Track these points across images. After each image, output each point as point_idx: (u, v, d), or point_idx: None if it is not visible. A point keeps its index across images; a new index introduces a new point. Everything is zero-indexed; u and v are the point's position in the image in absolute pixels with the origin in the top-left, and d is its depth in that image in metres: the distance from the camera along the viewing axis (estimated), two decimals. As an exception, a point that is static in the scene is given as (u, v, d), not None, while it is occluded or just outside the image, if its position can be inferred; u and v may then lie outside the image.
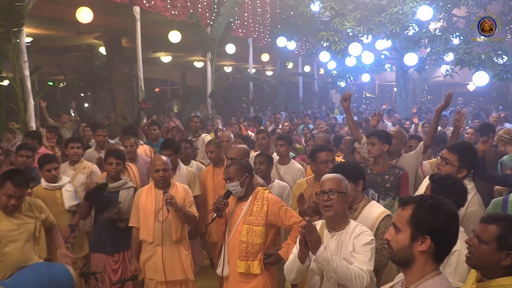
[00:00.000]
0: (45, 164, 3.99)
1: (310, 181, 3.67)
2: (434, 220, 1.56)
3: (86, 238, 4.27)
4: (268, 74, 20.31)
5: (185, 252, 3.67)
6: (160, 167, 3.57)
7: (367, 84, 20.31)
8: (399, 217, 1.66)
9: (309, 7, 11.69)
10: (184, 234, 3.67)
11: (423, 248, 1.57)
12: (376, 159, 3.82)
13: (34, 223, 3.08)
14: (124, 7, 8.58)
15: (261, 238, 3.00)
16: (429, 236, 1.56)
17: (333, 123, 10.56)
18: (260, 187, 3.18)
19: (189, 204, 3.66)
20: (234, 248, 3.04)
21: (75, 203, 4.06)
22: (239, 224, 3.04)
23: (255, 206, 3.04)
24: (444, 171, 2.99)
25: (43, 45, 11.54)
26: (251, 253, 2.99)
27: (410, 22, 10.56)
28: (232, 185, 3.04)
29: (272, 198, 3.08)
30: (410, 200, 1.66)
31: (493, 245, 1.92)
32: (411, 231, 1.59)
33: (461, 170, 2.98)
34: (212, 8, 11.33)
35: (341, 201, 2.52)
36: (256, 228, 2.99)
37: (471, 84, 15.15)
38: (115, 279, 3.80)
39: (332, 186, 2.53)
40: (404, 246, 1.61)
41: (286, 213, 3.03)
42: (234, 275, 3.07)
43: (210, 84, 11.81)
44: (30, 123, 6.78)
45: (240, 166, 3.10)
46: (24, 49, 6.63)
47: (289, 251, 2.92)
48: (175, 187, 3.69)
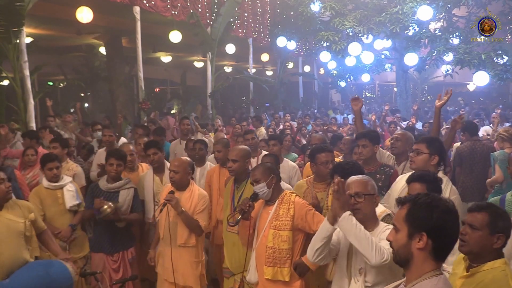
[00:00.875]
0: (47, 163, 4.00)
1: (309, 181, 3.66)
2: (428, 216, 1.58)
3: (86, 238, 4.27)
4: (268, 74, 20.30)
5: (193, 260, 3.60)
6: (171, 167, 3.59)
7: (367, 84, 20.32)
8: (397, 217, 1.68)
9: (309, 7, 11.70)
10: (191, 241, 3.57)
11: (420, 245, 1.58)
12: (367, 160, 3.84)
13: (24, 223, 3.07)
14: (124, 7, 8.58)
15: (288, 243, 2.91)
16: (425, 232, 1.57)
17: (333, 123, 10.55)
18: (287, 191, 3.11)
19: (199, 211, 3.57)
20: (261, 254, 2.97)
21: (76, 202, 4.05)
22: (266, 229, 2.97)
23: (281, 210, 2.96)
24: (417, 162, 3.15)
25: (43, 45, 11.54)
26: (278, 259, 2.91)
27: (410, 22, 10.57)
28: (258, 187, 2.97)
29: (299, 202, 2.98)
30: (407, 199, 1.69)
31: (485, 230, 2.08)
32: (408, 229, 1.62)
33: (433, 157, 3.12)
34: (212, 8, 11.33)
35: (369, 203, 2.47)
36: (282, 233, 2.90)
37: (471, 84, 15.16)
38: (115, 279, 3.80)
39: (358, 189, 2.48)
40: (402, 245, 1.63)
41: (314, 218, 2.92)
42: (262, 282, 3.00)
43: (210, 84, 11.81)
44: (30, 123, 6.78)
45: (266, 167, 3.05)
46: (24, 49, 6.64)
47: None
48: (191, 191, 3.62)
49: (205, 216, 3.62)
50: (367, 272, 2.44)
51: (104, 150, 5.57)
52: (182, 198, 3.56)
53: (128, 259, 3.98)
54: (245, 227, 3.09)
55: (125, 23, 9.86)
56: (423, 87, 20.83)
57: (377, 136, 3.97)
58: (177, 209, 3.43)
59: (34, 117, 6.94)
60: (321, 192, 3.50)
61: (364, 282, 2.43)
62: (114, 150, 4.11)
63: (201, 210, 3.58)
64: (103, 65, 13.74)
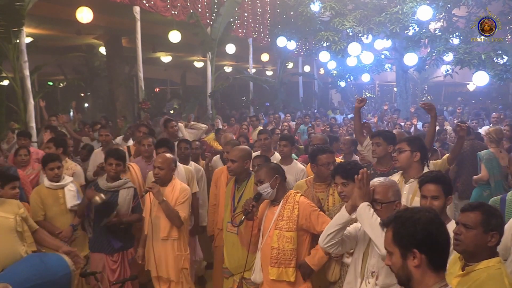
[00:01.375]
0: (48, 163, 4.00)
1: (309, 182, 3.65)
2: (413, 232, 1.57)
3: (87, 238, 4.26)
4: (268, 74, 20.30)
5: (176, 253, 3.68)
6: (156, 164, 3.69)
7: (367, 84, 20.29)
8: (386, 241, 1.67)
9: (309, 7, 11.69)
10: (173, 234, 3.67)
11: (416, 262, 1.56)
12: (380, 159, 3.81)
13: (14, 218, 3.08)
14: (124, 7, 8.58)
15: (293, 244, 2.90)
16: (415, 249, 1.56)
17: (332, 123, 10.54)
18: (292, 191, 3.10)
19: (179, 203, 3.67)
20: (267, 255, 2.97)
21: (77, 202, 4.05)
22: (271, 230, 2.96)
23: (286, 210, 2.95)
24: (401, 160, 3.26)
25: (43, 45, 11.53)
26: (283, 260, 2.90)
27: (410, 22, 10.57)
28: (262, 187, 2.96)
29: (303, 202, 2.97)
30: (389, 221, 1.68)
31: (479, 229, 2.09)
32: (399, 250, 1.60)
33: (415, 153, 3.23)
34: (212, 8, 11.32)
35: (386, 210, 2.39)
36: (286, 234, 2.89)
37: (471, 84, 15.16)
38: (113, 279, 3.80)
39: (378, 195, 2.44)
40: (399, 267, 1.61)
41: (318, 218, 2.90)
42: (267, 282, 3.01)
43: (210, 84, 11.80)
44: (30, 123, 6.78)
45: (270, 167, 3.06)
46: (24, 49, 6.63)
47: (316, 257, 2.88)
48: (173, 185, 3.73)
49: (185, 208, 3.69)
50: (380, 275, 2.45)
51: (100, 150, 5.58)
52: (164, 192, 3.66)
53: (127, 259, 3.98)
54: (248, 227, 3.09)
55: (125, 23, 9.85)
56: (423, 87, 20.82)
57: (393, 136, 3.87)
58: (158, 197, 3.52)
59: (34, 117, 6.94)
60: (321, 193, 3.48)
61: (374, 285, 2.45)
62: (114, 150, 4.10)
63: (181, 202, 3.67)
64: (103, 65, 13.75)
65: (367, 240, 2.54)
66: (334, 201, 3.39)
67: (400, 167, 3.29)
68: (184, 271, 3.74)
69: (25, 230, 3.18)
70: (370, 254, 2.52)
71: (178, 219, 3.61)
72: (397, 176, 3.37)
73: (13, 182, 3.50)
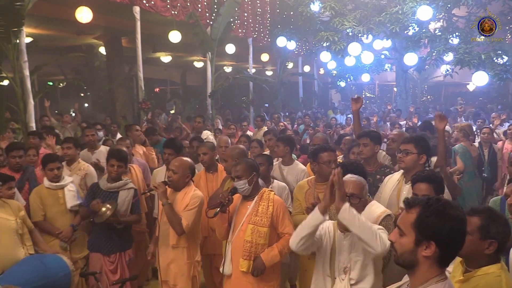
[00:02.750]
0: (48, 163, 3.98)
1: (311, 182, 3.66)
2: (440, 225, 1.51)
3: (87, 238, 4.26)
4: (268, 74, 20.31)
5: (186, 261, 3.52)
6: (171, 167, 3.55)
7: (367, 84, 20.32)
8: (404, 220, 1.59)
9: (309, 7, 11.70)
10: (182, 243, 3.50)
11: (428, 253, 1.53)
12: (367, 159, 3.84)
13: (15, 220, 3.07)
14: (124, 7, 8.59)
15: (265, 239, 3.02)
16: (434, 241, 1.51)
17: (332, 123, 10.54)
18: (265, 188, 3.19)
19: (187, 209, 3.42)
20: (238, 247, 3.05)
21: (77, 203, 4.04)
22: (244, 224, 3.05)
23: (260, 207, 3.05)
24: (406, 162, 3.19)
25: (43, 45, 11.52)
26: (255, 253, 3.01)
27: (410, 22, 10.58)
28: (240, 183, 3.04)
29: (278, 200, 3.11)
30: (416, 202, 1.59)
31: (476, 235, 2.01)
32: (416, 236, 1.54)
33: (421, 156, 3.17)
34: (212, 8, 11.33)
35: (360, 206, 2.55)
36: (260, 229, 3.01)
37: (471, 84, 15.16)
38: (112, 280, 3.76)
39: (355, 191, 2.57)
40: (408, 250, 1.57)
41: (285, 220, 3.07)
42: (236, 274, 3.08)
43: (210, 84, 11.81)
44: (30, 123, 6.77)
45: (249, 164, 3.12)
46: (24, 49, 6.62)
47: (271, 255, 3.00)
48: (185, 192, 3.51)
49: (190, 216, 3.40)
50: (352, 270, 2.47)
51: (86, 151, 5.53)
52: (175, 198, 3.48)
53: (125, 261, 3.93)
54: (222, 220, 3.11)
55: (125, 23, 9.86)
56: (423, 87, 20.85)
57: (379, 136, 3.99)
58: (162, 198, 3.38)
59: (34, 117, 6.93)
60: (322, 193, 3.45)
61: (349, 280, 2.47)
62: (115, 150, 4.05)
63: (189, 209, 3.42)
64: (103, 65, 13.74)
65: (332, 237, 2.59)
66: (334, 201, 3.39)
67: (404, 168, 3.26)
68: (193, 279, 3.62)
69: (25, 232, 3.18)
70: (339, 250, 2.54)
71: (179, 226, 3.37)
72: (397, 175, 3.37)
73: (9, 183, 3.51)
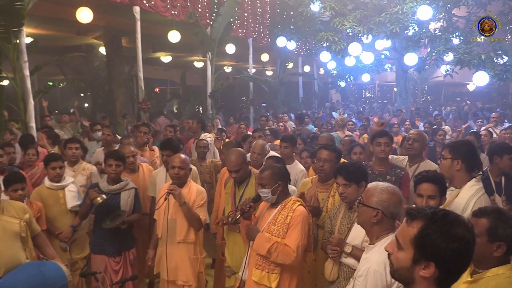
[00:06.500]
0: (50, 162, 3.99)
1: (314, 180, 3.69)
2: (443, 246, 1.34)
3: (87, 239, 4.26)
4: (268, 74, 20.30)
5: (192, 256, 3.61)
6: (176, 164, 3.57)
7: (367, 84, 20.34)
8: (403, 233, 1.44)
9: (309, 7, 11.70)
10: (190, 237, 3.59)
11: (426, 274, 1.37)
12: (384, 159, 3.82)
13: (19, 223, 3.06)
14: (124, 7, 8.58)
15: None
16: (434, 262, 1.35)
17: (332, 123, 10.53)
18: (293, 197, 3.01)
19: (198, 205, 3.60)
20: (254, 255, 2.94)
21: (78, 203, 4.04)
22: (263, 232, 2.91)
23: (280, 216, 2.89)
24: (442, 166, 3.13)
25: (43, 45, 11.52)
26: (267, 264, 2.86)
27: (410, 22, 10.58)
28: (263, 191, 2.91)
29: (298, 211, 2.86)
30: (419, 215, 1.41)
31: (484, 237, 1.96)
32: (414, 253, 1.39)
33: (456, 162, 3.01)
34: (212, 8, 11.32)
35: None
36: (275, 239, 2.83)
37: (471, 84, 15.17)
38: (115, 280, 3.78)
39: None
40: (404, 267, 1.42)
41: (293, 233, 2.80)
42: (249, 282, 2.98)
43: (210, 84, 11.81)
44: (30, 123, 6.77)
45: (275, 172, 2.94)
46: (24, 49, 6.62)
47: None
48: (189, 187, 3.65)
49: (204, 211, 3.65)
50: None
51: (102, 150, 5.58)
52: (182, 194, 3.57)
53: (129, 260, 3.97)
54: (246, 226, 3.08)
55: (125, 23, 9.86)
56: (423, 87, 20.86)
57: (392, 137, 4.00)
58: (180, 200, 3.44)
59: (34, 117, 6.93)
60: (323, 193, 3.51)
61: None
62: (113, 151, 4.08)
63: (200, 205, 3.62)
64: (103, 65, 13.73)
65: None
66: (334, 202, 3.40)
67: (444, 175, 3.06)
68: (199, 275, 3.69)
69: (28, 235, 3.16)
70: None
71: (198, 222, 3.55)
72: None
73: (14, 185, 3.51)
